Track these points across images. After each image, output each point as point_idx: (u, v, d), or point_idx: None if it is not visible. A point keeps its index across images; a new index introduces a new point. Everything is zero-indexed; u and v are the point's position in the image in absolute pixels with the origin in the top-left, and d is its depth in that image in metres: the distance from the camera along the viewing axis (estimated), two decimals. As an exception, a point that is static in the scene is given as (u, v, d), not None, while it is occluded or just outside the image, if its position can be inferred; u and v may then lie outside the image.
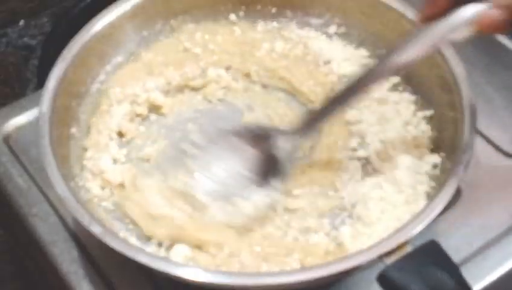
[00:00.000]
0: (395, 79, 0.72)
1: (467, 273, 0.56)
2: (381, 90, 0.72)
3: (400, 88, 0.72)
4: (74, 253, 0.66)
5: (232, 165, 0.67)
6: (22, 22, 0.94)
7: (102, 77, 0.72)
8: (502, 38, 0.80)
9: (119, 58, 0.74)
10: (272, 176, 0.65)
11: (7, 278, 0.89)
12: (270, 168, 0.66)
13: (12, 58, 0.92)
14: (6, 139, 0.74)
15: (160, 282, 0.63)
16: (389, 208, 0.63)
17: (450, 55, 0.67)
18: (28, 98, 0.79)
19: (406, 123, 0.69)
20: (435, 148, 0.67)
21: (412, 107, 0.70)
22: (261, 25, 0.78)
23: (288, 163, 0.66)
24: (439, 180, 0.63)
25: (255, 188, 0.65)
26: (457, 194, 0.68)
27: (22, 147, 0.73)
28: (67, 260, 0.65)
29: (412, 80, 0.72)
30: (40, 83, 0.80)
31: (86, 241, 0.66)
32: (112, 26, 0.72)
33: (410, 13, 0.71)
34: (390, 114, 0.70)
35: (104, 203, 0.66)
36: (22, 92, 0.91)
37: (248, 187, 0.65)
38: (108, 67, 0.73)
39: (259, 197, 0.65)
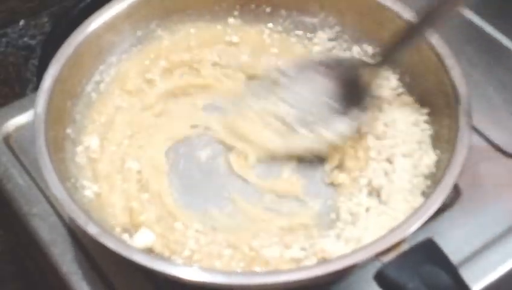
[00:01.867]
0: (394, 83, 0.72)
1: (466, 273, 0.55)
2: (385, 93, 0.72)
3: (399, 90, 0.72)
4: (74, 253, 0.65)
5: (316, 94, 0.70)
6: (22, 22, 0.94)
7: (97, 77, 0.72)
8: (503, 38, 0.80)
9: (113, 59, 0.74)
10: (353, 106, 0.69)
11: (7, 278, 0.89)
12: (351, 99, 0.69)
13: (12, 58, 0.92)
14: (7, 139, 0.74)
15: (160, 282, 0.63)
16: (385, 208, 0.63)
17: (446, 54, 0.67)
18: (28, 98, 0.79)
19: (408, 123, 0.69)
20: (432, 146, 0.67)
21: (411, 107, 0.70)
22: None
23: (367, 95, 0.69)
24: (435, 178, 0.63)
25: (337, 117, 0.69)
26: (457, 194, 0.68)
27: (22, 146, 0.73)
28: (68, 260, 0.65)
29: (409, 79, 0.72)
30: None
31: (85, 241, 0.66)
32: (107, 26, 0.72)
33: (406, 13, 0.71)
34: (395, 116, 0.70)
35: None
36: (21, 92, 0.91)
37: (331, 116, 0.69)
38: (102, 67, 0.73)
39: (340, 127, 0.68)
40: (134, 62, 0.74)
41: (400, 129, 0.68)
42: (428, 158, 0.65)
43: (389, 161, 0.66)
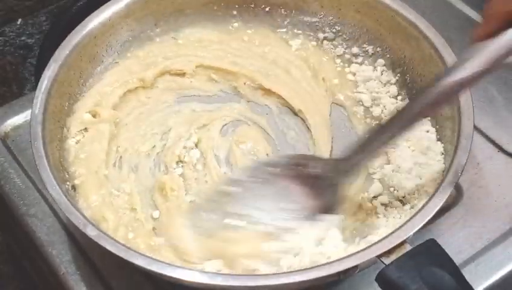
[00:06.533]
0: (394, 89, 0.72)
1: (469, 274, 0.55)
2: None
3: (402, 95, 0.72)
4: (72, 254, 0.65)
5: (275, 200, 0.62)
6: (19, 21, 0.94)
7: (94, 77, 0.72)
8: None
9: (110, 59, 0.73)
10: (319, 208, 0.62)
11: (7, 278, 0.88)
12: (315, 200, 0.62)
13: (10, 58, 0.92)
14: (4, 138, 0.74)
15: (157, 282, 0.63)
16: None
17: (448, 55, 0.67)
18: (26, 97, 0.78)
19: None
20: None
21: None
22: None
23: (333, 193, 0.61)
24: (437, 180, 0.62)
25: (302, 222, 0.61)
26: (459, 195, 0.68)
27: (19, 146, 0.73)
28: (65, 261, 0.65)
29: (409, 81, 0.72)
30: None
31: (83, 242, 0.65)
32: (104, 27, 0.72)
33: (405, 11, 0.71)
34: None
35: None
36: (19, 91, 0.91)
37: (295, 221, 0.61)
38: (100, 68, 0.73)
39: (307, 231, 0.60)
40: (132, 63, 0.74)
41: None
42: (434, 162, 0.65)
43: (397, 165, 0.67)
